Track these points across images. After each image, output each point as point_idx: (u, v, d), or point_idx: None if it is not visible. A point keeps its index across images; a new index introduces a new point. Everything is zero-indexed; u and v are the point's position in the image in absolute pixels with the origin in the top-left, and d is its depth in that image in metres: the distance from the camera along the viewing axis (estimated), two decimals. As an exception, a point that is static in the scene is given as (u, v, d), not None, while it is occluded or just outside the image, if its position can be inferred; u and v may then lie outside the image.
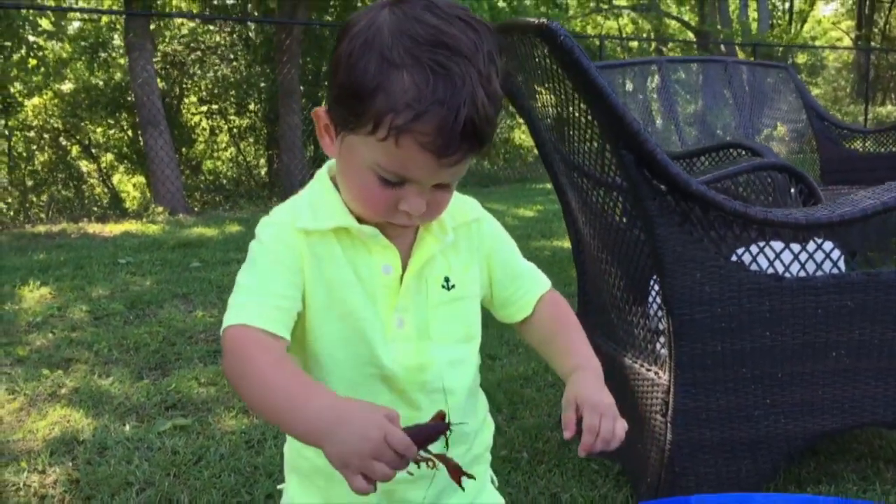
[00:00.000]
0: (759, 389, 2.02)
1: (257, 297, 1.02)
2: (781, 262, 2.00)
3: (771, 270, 1.99)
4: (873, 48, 23.90)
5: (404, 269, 1.10)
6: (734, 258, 2.00)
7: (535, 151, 12.89)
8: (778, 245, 2.02)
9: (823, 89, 23.33)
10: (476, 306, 1.18)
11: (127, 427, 2.72)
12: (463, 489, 1.03)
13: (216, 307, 4.20)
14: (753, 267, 1.99)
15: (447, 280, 1.13)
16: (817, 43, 27.11)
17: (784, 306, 1.98)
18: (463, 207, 1.18)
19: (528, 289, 1.23)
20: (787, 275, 2.00)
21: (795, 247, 2.03)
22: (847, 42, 28.57)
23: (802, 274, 2.01)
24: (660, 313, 2.08)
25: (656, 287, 2.08)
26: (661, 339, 2.08)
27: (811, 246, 2.03)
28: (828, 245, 2.05)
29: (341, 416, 0.87)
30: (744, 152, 3.67)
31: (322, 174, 1.13)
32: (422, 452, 0.94)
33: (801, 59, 21.39)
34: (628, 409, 2.18)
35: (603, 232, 2.25)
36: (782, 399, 2.03)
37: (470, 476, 1.03)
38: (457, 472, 1.00)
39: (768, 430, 2.04)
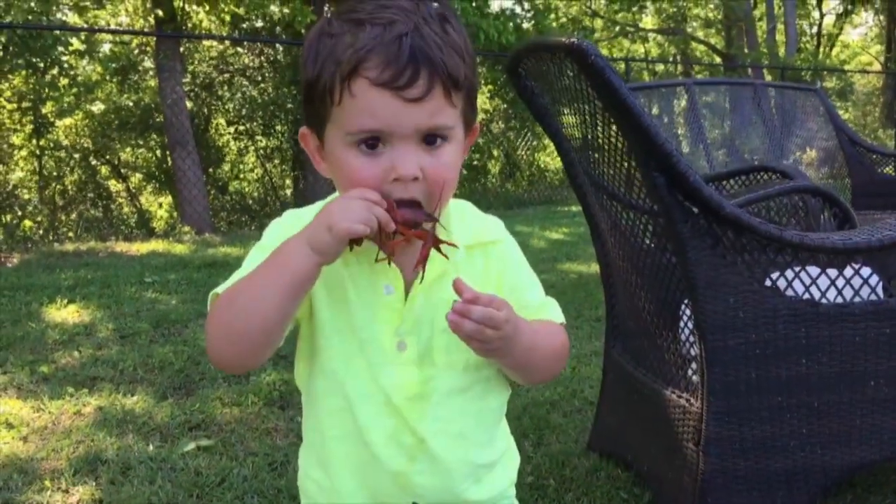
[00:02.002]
0: (794, 419, 1.96)
1: (239, 275, 1.05)
2: (818, 287, 1.95)
3: (807, 296, 1.94)
4: (903, 72, 23.64)
5: (409, 291, 1.06)
6: (768, 283, 1.95)
7: (561, 175, 12.77)
8: (814, 270, 1.97)
9: (853, 114, 23.06)
10: None
11: (150, 447, 2.71)
12: (446, 257, 1.02)
13: (241, 327, 4.18)
14: (789, 292, 1.94)
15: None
16: (846, 67, 26.86)
17: (821, 333, 1.93)
18: (485, 227, 1.14)
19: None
20: (824, 301, 1.95)
21: (832, 272, 1.98)
22: (877, 67, 28.29)
23: (839, 300, 1.96)
24: (691, 339, 2.03)
25: (687, 312, 2.04)
26: (693, 366, 2.04)
27: (848, 271, 1.98)
28: (865, 270, 2.00)
29: (317, 218, 0.99)
30: (774, 176, 3.62)
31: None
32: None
33: (830, 83, 21.19)
34: (659, 436, 2.14)
35: (632, 254, 2.22)
36: (819, 429, 1.97)
37: (452, 244, 1.03)
38: (436, 241, 1.01)
39: (805, 461, 1.98)
